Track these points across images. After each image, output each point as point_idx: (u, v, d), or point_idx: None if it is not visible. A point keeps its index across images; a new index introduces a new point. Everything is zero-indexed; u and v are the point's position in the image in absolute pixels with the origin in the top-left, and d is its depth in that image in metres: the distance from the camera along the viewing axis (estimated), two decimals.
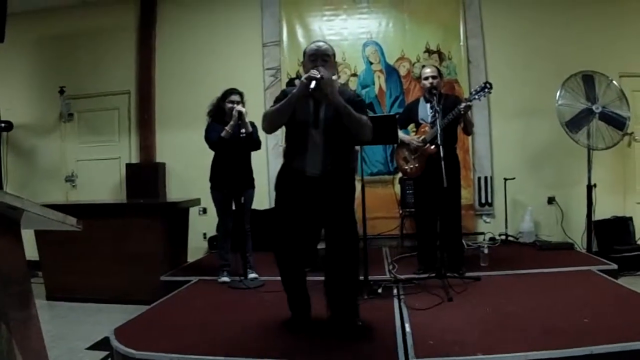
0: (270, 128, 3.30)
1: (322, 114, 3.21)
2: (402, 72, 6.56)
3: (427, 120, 4.66)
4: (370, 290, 4.08)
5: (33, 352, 2.02)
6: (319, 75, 3.01)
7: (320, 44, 3.32)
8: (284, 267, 3.37)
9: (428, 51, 6.51)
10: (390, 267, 5.04)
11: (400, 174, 5.71)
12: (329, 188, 3.21)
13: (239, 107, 4.57)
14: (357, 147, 4.21)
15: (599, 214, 5.79)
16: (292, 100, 3.11)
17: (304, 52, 3.36)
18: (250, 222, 4.85)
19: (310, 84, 2.99)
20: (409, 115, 4.85)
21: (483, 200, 6.42)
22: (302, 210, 3.27)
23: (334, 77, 3.19)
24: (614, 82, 5.50)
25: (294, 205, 3.27)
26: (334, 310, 3.31)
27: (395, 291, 4.15)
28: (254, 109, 4.85)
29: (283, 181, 3.35)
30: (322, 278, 3.38)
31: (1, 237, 1.93)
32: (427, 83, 4.57)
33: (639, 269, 5.37)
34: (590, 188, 5.61)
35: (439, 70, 4.74)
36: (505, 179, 6.19)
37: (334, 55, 3.33)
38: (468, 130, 4.69)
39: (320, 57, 3.20)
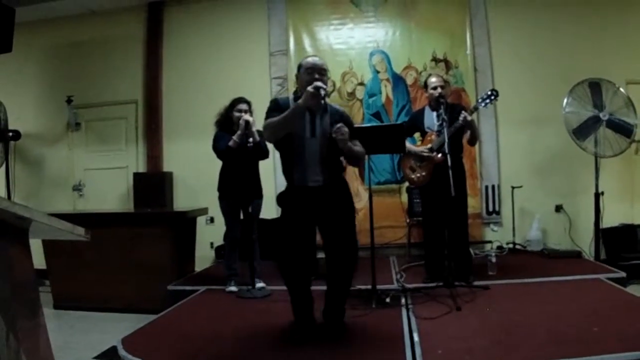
0: (274, 138, 3.40)
1: (318, 122, 3.30)
2: (409, 80, 6.56)
3: (433, 129, 4.67)
4: (378, 299, 4.06)
5: None
6: (324, 85, 3.13)
7: (317, 58, 3.41)
8: (292, 279, 3.40)
9: (435, 60, 6.52)
10: (398, 276, 5.01)
11: (407, 183, 5.70)
12: (332, 196, 3.31)
13: (246, 116, 4.55)
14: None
15: (607, 222, 5.77)
16: (297, 110, 3.15)
17: (299, 66, 3.42)
18: (258, 231, 4.85)
19: (318, 91, 3.05)
20: (415, 124, 4.85)
21: (490, 209, 6.40)
22: (309, 222, 3.35)
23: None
24: (621, 89, 5.49)
25: (302, 220, 3.33)
26: (327, 311, 3.47)
27: (403, 300, 4.14)
28: (261, 118, 4.84)
29: (288, 199, 3.41)
30: (324, 287, 3.46)
31: (10, 247, 1.94)
32: (435, 92, 4.58)
33: None
34: (597, 196, 5.59)
35: (443, 79, 4.77)
36: (513, 187, 6.16)
37: (327, 71, 3.40)
38: (473, 141, 4.68)
39: (318, 71, 3.28)
